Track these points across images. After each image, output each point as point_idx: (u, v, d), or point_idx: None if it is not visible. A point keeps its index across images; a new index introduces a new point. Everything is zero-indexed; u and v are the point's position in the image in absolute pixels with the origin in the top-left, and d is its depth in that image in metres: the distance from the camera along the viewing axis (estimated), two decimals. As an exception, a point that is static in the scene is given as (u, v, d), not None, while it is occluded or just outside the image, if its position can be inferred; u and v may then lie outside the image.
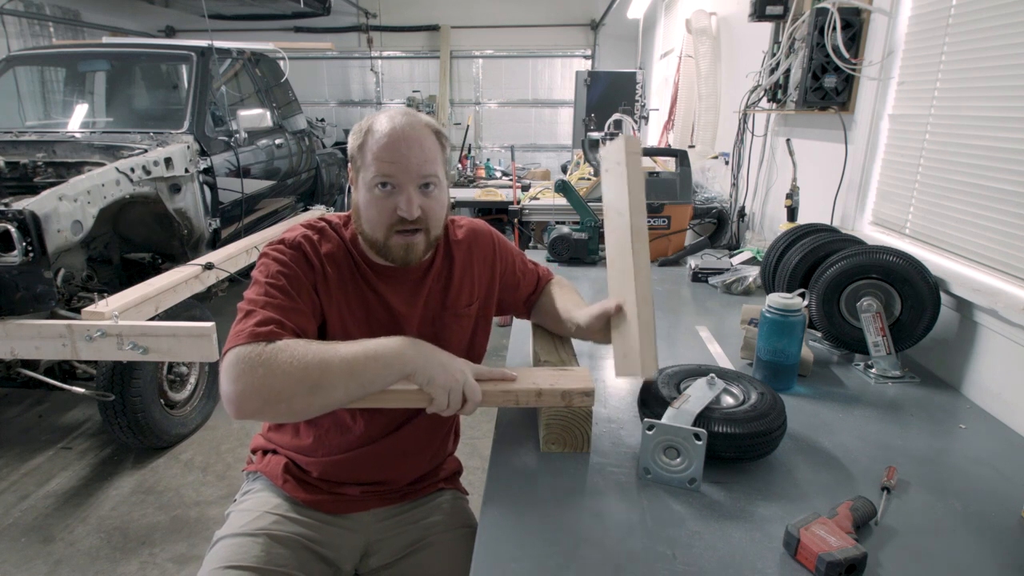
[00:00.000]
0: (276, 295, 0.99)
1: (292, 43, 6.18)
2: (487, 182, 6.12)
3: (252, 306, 0.97)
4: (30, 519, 2.28)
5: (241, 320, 0.95)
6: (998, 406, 1.19)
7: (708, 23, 3.33)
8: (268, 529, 1.10)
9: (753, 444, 0.97)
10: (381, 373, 0.93)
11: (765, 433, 0.97)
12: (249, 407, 0.88)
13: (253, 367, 0.88)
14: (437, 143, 1.06)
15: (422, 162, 1.02)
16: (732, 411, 1.00)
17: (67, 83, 3.81)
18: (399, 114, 1.05)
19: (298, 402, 0.89)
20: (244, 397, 0.88)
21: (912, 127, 1.61)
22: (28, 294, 2.22)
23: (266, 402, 0.88)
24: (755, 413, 0.99)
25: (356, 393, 0.93)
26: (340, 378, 0.90)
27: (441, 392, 0.94)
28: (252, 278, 1.03)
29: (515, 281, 1.29)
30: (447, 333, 1.16)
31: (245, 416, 0.89)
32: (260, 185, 3.92)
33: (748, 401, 1.03)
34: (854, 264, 1.33)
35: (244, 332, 0.92)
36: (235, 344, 0.91)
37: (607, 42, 7.60)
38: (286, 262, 1.02)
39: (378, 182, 1.01)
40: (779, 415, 1.00)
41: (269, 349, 0.90)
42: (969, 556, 0.81)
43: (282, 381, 0.88)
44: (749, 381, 1.09)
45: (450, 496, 1.26)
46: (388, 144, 1.01)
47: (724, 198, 2.80)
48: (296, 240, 1.05)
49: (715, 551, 0.80)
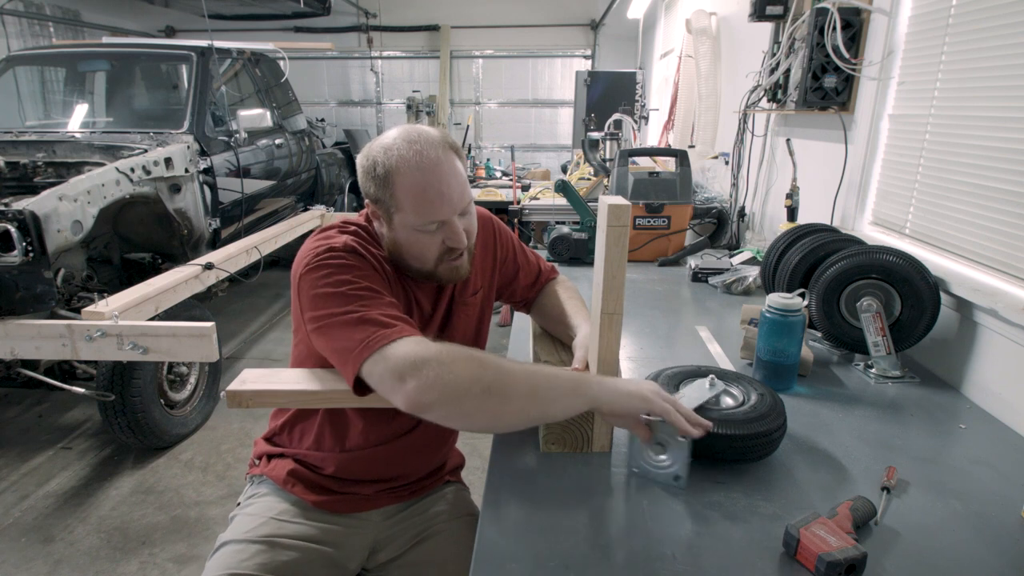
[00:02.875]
0: (370, 296, 0.94)
1: (292, 43, 6.19)
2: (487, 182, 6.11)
3: (356, 312, 0.90)
4: (30, 519, 2.28)
5: (357, 327, 0.89)
6: (998, 406, 1.19)
7: (708, 23, 3.33)
8: (273, 535, 1.10)
9: (752, 446, 0.96)
10: (564, 396, 0.88)
11: (764, 435, 0.96)
12: (427, 399, 0.83)
13: (424, 361, 0.83)
14: (458, 158, 1.03)
15: (461, 193, 1.00)
16: (731, 412, 0.99)
17: (67, 83, 3.81)
18: (417, 143, 0.98)
19: (470, 403, 0.84)
20: (422, 390, 0.82)
21: (912, 127, 1.61)
22: (28, 294, 2.22)
23: (444, 395, 0.83)
24: (755, 414, 0.98)
25: (533, 410, 0.88)
26: (519, 387, 0.86)
27: (661, 402, 0.89)
28: (315, 296, 0.95)
29: (514, 269, 1.29)
30: (456, 322, 1.17)
31: (420, 410, 0.84)
32: (260, 185, 3.92)
33: (748, 402, 1.02)
34: (854, 264, 1.33)
35: (376, 336, 0.86)
36: (377, 348, 0.86)
37: (607, 42, 7.61)
38: (352, 265, 0.98)
39: (425, 228, 1.00)
40: (779, 416, 0.99)
41: (431, 345, 0.85)
42: (969, 556, 0.81)
43: (462, 374, 0.83)
44: (749, 382, 1.08)
45: (454, 488, 1.28)
46: (426, 187, 0.97)
47: (724, 198, 2.80)
48: (348, 244, 1.00)
49: (715, 551, 0.80)
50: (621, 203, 0.89)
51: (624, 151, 2.49)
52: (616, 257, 0.91)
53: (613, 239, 0.90)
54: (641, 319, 1.69)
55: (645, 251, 2.32)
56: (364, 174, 1.02)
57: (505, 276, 1.28)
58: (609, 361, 0.97)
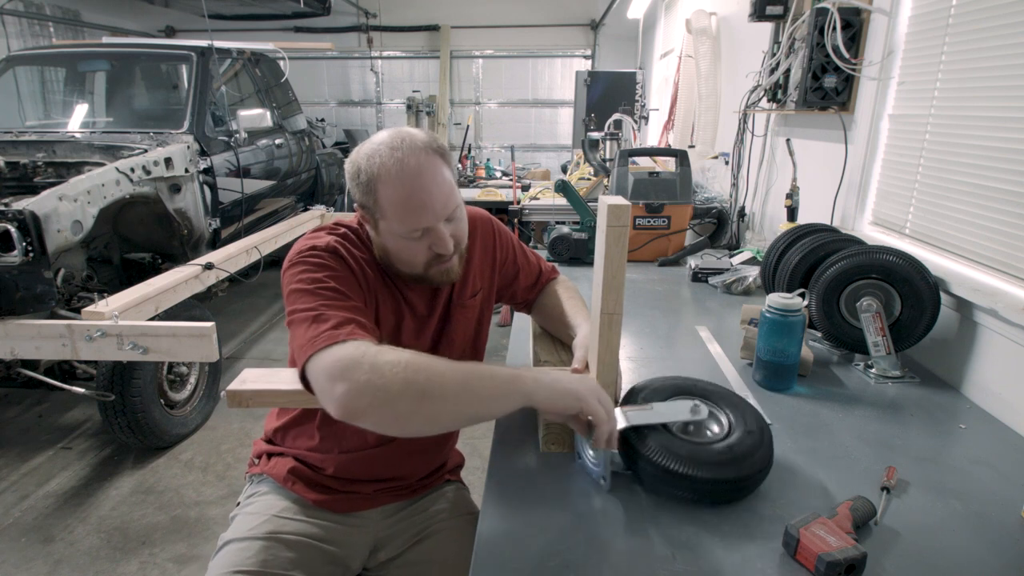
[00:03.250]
0: (334, 297, 0.93)
1: (292, 43, 6.19)
2: (487, 182, 6.12)
3: (317, 310, 0.90)
4: (30, 519, 2.28)
5: (311, 325, 0.88)
6: (998, 406, 1.19)
7: (708, 23, 3.33)
8: (275, 533, 1.10)
9: (717, 490, 0.86)
10: (499, 395, 0.86)
11: (733, 482, 0.86)
12: (357, 406, 0.80)
13: (357, 364, 0.81)
14: (444, 163, 1.01)
15: (445, 200, 0.99)
16: (703, 447, 0.89)
17: (67, 83, 3.81)
18: (399, 149, 0.97)
19: (404, 406, 0.81)
20: (351, 395, 0.80)
21: (912, 127, 1.61)
22: (28, 294, 2.22)
23: (373, 401, 0.80)
24: (728, 455, 0.87)
25: (468, 410, 0.85)
26: (452, 388, 0.83)
27: (595, 403, 0.88)
28: (289, 292, 0.96)
29: (514, 270, 1.29)
30: (455, 325, 1.17)
31: (351, 417, 0.82)
32: (260, 185, 3.92)
33: (731, 436, 0.91)
34: (854, 264, 1.33)
35: (324, 335, 0.86)
36: (321, 347, 0.85)
37: (607, 42, 7.61)
38: (328, 264, 0.98)
39: (410, 236, 0.99)
40: (757, 461, 0.88)
41: (369, 348, 0.84)
42: (969, 556, 0.81)
43: (389, 380, 0.80)
44: (743, 411, 0.97)
45: (453, 487, 1.28)
46: (407, 196, 0.96)
47: (724, 198, 2.80)
48: (330, 245, 1.01)
49: (715, 551, 0.80)
50: (621, 203, 0.89)
51: (624, 151, 2.49)
52: (616, 257, 0.91)
53: (613, 239, 0.90)
54: (641, 319, 1.69)
55: (645, 251, 2.32)
56: (350, 180, 1.02)
57: (505, 277, 1.28)
58: (609, 361, 0.97)
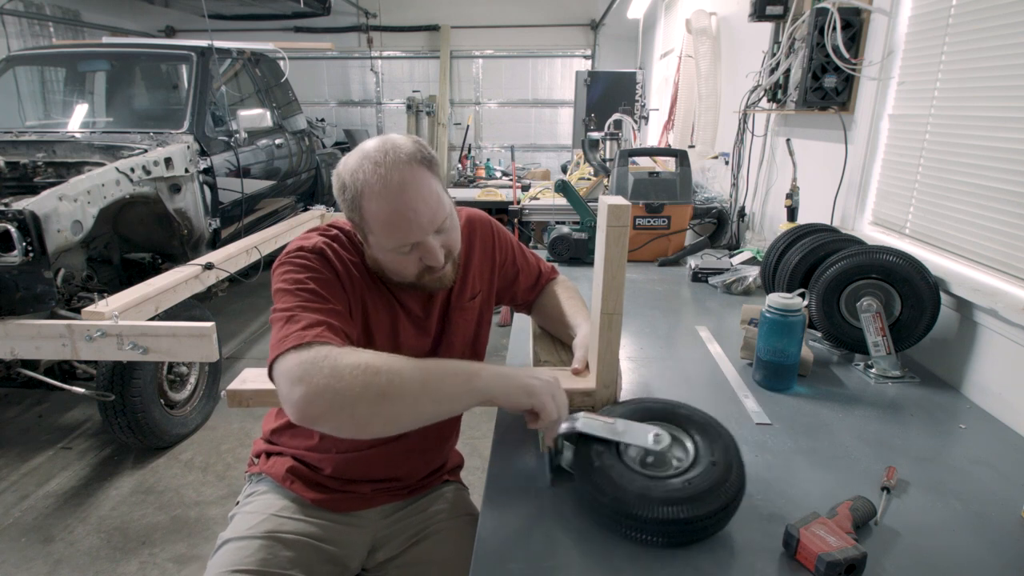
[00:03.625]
0: (311, 299, 0.94)
1: (292, 43, 6.19)
2: (487, 182, 6.13)
3: (292, 311, 0.91)
4: (30, 519, 2.28)
5: (284, 325, 0.89)
6: (998, 406, 1.19)
7: (708, 23, 3.33)
8: (274, 531, 1.10)
9: (664, 531, 0.77)
10: (458, 393, 0.86)
11: (684, 523, 0.76)
12: (314, 410, 0.81)
13: (317, 368, 0.81)
14: (431, 173, 0.98)
15: (432, 214, 0.97)
16: (657, 481, 0.81)
17: (67, 83, 3.81)
18: (382, 164, 0.94)
19: (363, 408, 0.81)
20: (308, 400, 0.80)
21: (912, 127, 1.61)
22: (28, 294, 2.22)
23: (331, 406, 0.80)
24: (682, 493, 0.78)
25: (427, 409, 0.85)
26: (411, 387, 0.83)
27: (547, 399, 0.87)
28: (274, 291, 0.97)
29: (514, 272, 1.28)
30: (453, 328, 1.16)
31: (309, 421, 0.82)
32: (260, 185, 3.92)
33: (694, 469, 0.82)
34: (854, 264, 1.33)
35: (292, 336, 0.86)
36: (287, 348, 0.85)
37: (607, 42, 7.61)
38: (311, 266, 0.98)
39: (399, 251, 0.98)
40: (718, 499, 0.77)
41: (331, 351, 0.83)
42: (969, 556, 0.81)
43: (348, 384, 0.80)
44: (714, 439, 0.87)
45: (452, 488, 1.28)
46: (392, 213, 0.94)
47: (724, 198, 2.80)
48: (317, 246, 1.01)
49: (715, 551, 0.80)
50: (621, 203, 0.89)
51: (624, 151, 2.49)
52: (616, 257, 0.91)
53: (613, 239, 0.90)
54: (641, 319, 1.69)
55: (645, 251, 2.32)
56: (336, 194, 1.00)
57: (505, 279, 1.27)
58: (609, 361, 0.97)
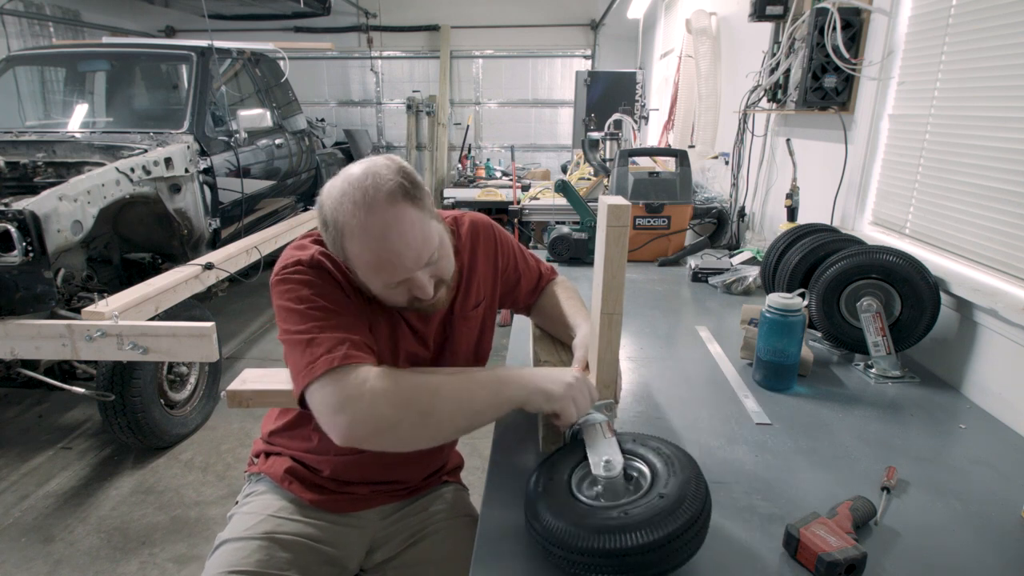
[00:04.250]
0: (325, 317, 0.93)
1: (292, 43, 6.18)
2: (487, 182, 6.13)
3: (308, 333, 0.90)
4: (30, 519, 2.28)
5: (307, 349, 0.89)
6: (998, 406, 1.19)
7: (708, 23, 3.33)
8: (272, 532, 1.09)
9: (593, 564, 0.70)
10: (489, 405, 0.90)
11: (611, 555, 0.69)
12: (358, 435, 0.84)
13: (357, 394, 0.84)
14: (414, 207, 0.93)
15: (417, 254, 0.93)
16: (590, 509, 0.76)
17: (67, 83, 3.81)
18: (362, 205, 0.89)
19: (406, 430, 0.86)
20: (353, 427, 0.84)
21: (912, 127, 1.61)
22: (28, 294, 2.22)
23: (375, 431, 0.85)
24: (616, 522, 0.71)
25: (464, 423, 0.90)
26: (448, 406, 0.88)
27: (567, 404, 0.90)
28: (279, 308, 0.96)
29: (516, 277, 1.27)
30: (457, 337, 1.15)
31: (354, 444, 0.85)
32: (260, 185, 3.92)
33: (632, 503, 0.74)
34: (854, 264, 1.33)
35: (320, 361, 0.87)
36: (319, 374, 0.86)
37: (607, 42, 7.60)
38: (313, 281, 0.96)
39: (387, 287, 0.97)
40: (652, 533, 0.69)
41: (366, 374, 0.86)
42: (969, 556, 0.81)
43: (390, 407, 0.84)
44: (673, 464, 0.80)
45: (452, 488, 1.28)
46: (376, 257, 0.92)
47: (724, 198, 2.80)
48: (315, 259, 0.98)
49: (715, 551, 0.80)
50: (621, 203, 0.89)
51: (624, 151, 2.49)
52: (616, 257, 0.91)
53: (613, 239, 0.90)
54: (641, 319, 1.69)
55: (645, 251, 2.32)
56: (319, 228, 0.98)
57: (507, 284, 1.26)
58: (609, 361, 0.97)
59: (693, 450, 1.05)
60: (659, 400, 1.23)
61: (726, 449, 1.05)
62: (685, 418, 1.16)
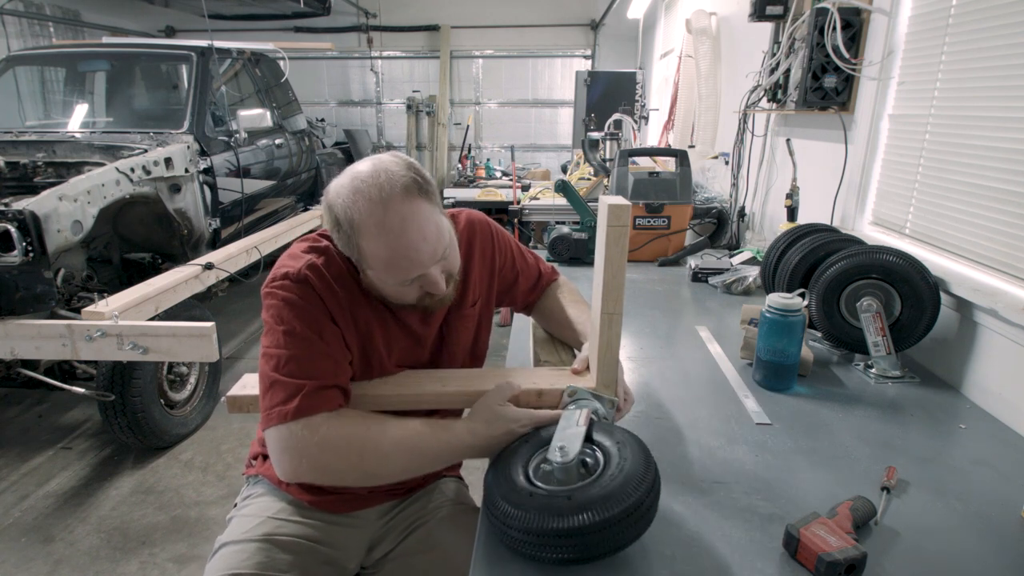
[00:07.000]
0: (297, 348, 0.93)
1: (292, 43, 6.18)
2: (487, 182, 6.13)
3: (275, 370, 0.92)
4: (30, 519, 2.28)
5: (265, 393, 0.93)
6: (998, 406, 1.19)
7: (708, 23, 3.33)
8: (271, 534, 1.09)
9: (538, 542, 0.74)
10: (439, 460, 0.95)
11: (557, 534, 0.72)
12: (302, 478, 0.91)
13: (306, 447, 0.88)
14: (428, 201, 0.94)
15: (433, 249, 0.94)
16: (537, 492, 0.79)
17: (67, 83, 3.81)
18: (378, 202, 0.89)
19: (351, 479, 0.94)
20: (299, 473, 0.90)
21: (912, 127, 1.61)
22: (28, 294, 2.22)
23: (321, 477, 0.92)
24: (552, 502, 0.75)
25: (415, 472, 0.96)
26: (399, 462, 0.92)
27: (524, 429, 0.94)
28: (265, 322, 0.97)
29: (514, 275, 1.27)
30: (454, 336, 1.15)
31: (297, 482, 0.95)
32: (260, 185, 3.92)
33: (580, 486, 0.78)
34: (854, 264, 1.33)
35: (273, 412, 0.90)
36: (276, 423, 0.90)
37: (607, 42, 7.60)
38: (296, 301, 0.95)
39: (400, 284, 0.97)
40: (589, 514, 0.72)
41: (319, 430, 0.89)
42: (969, 556, 0.81)
43: (336, 463, 0.90)
44: (622, 449, 0.82)
45: (452, 481, 1.28)
46: (393, 255, 0.91)
47: (724, 198, 2.80)
48: (301, 274, 0.96)
49: (715, 551, 0.80)
50: (621, 203, 0.89)
51: (624, 151, 2.49)
52: (616, 257, 0.91)
53: (613, 239, 0.90)
54: (641, 319, 1.69)
55: (645, 251, 2.32)
56: (328, 227, 0.96)
57: (504, 282, 1.25)
58: (609, 361, 0.97)
59: (693, 450, 1.05)
60: (659, 400, 1.23)
61: (726, 449, 1.05)
62: (685, 418, 1.16)
